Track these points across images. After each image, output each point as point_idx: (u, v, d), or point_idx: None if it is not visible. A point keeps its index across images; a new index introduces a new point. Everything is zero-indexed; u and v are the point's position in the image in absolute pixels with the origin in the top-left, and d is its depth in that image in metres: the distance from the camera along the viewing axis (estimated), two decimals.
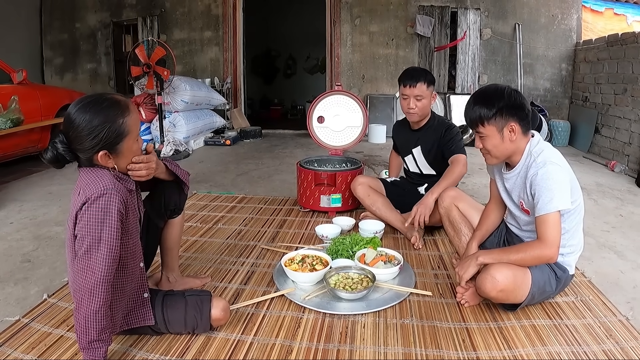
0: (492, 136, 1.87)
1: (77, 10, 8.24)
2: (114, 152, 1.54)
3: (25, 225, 3.16)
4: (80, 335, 1.46)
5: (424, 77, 2.86)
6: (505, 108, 1.83)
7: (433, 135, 2.95)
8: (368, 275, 2.15)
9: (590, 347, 1.73)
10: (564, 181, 1.78)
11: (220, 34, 7.83)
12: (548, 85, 7.26)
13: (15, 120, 4.47)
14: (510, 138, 1.86)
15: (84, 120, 1.47)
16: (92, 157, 1.53)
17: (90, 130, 1.47)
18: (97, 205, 1.45)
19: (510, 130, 1.85)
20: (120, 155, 1.56)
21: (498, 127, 1.85)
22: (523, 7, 7.22)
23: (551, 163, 1.79)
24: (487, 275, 1.80)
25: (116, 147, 1.54)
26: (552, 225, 1.75)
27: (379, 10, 7.47)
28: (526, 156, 1.90)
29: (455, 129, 2.92)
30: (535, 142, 1.90)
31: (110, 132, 1.50)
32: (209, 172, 4.95)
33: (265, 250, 2.69)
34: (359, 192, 3.07)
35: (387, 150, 3.52)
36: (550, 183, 1.75)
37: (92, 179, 1.50)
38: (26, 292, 2.19)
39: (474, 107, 1.89)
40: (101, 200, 1.45)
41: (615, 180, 4.62)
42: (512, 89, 1.87)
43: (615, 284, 2.33)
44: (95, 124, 1.47)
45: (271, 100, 11.57)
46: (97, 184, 1.48)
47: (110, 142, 1.51)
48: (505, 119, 1.84)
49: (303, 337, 1.80)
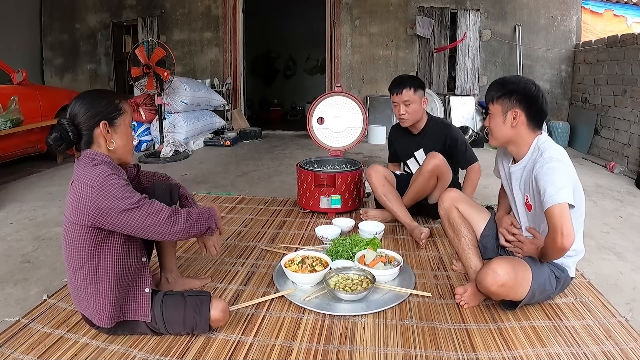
0: (496, 115, 1.96)
1: (77, 11, 8.24)
2: (112, 125, 1.70)
3: (25, 226, 3.16)
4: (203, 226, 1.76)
5: (409, 83, 2.97)
6: (515, 93, 1.90)
7: (435, 137, 3.02)
8: (368, 277, 2.15)
9: (589, 348, 1.73)
10: (568, 178, 1.79)
11: (220, 34, 7.84)
12: (548, 87, 7.27)
13: (15, 120, 4.47)
14: (511, 123, 1.92)
15: (85, 99, 1.68)
16: (93, 133, 1.67)
17: (92, 104, 1.67)
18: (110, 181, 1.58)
19: (513, 115, 1.90)
20: (117, 131, 1.72)
21: (503, 109, 1.93)
22: (523, 8, 7.23)
23: (557, 160, 1.81)
24: (488, 269, 1.81)
25: (115, 122, 1.71)
26: (558, 216, 1.71)
27: (378, 11, 7.48)
28: (533, 150, 1.92)
29: (460, 139, 2.99)
30: (543, 139, 1.93)
31: (109, 105, 1.70)
32: (209, 173, 4.95)
33: (265, 251, 2.69)
34: (374, 179, 3.05)
35: (386, 152, 3.52)
36: (556, 177, 1.76)
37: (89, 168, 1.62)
38: (26, 293, 2.19)
39: (492, 86, 2.00)
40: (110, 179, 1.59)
41: (615, 181, 4.62)
42: (533, 83, 1.93)
43: (615, 285, 2.33)
44: (97, 99, 1.69)
45: (271, 101, 11.57)
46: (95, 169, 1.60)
47: (110, 114, 1.69)
48: (512, 103, 1.91)
49: (303, 338, 1.81)
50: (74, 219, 1.59)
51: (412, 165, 3.17)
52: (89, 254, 1.62)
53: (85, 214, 1.56)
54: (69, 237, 1.63)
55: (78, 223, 1.59)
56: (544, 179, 1.78)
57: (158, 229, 1.63)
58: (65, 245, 1.65)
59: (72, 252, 1.63)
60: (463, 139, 3.00)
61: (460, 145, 2.98)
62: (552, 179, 1.76)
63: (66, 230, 1.64)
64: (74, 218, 1.59)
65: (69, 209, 1.62)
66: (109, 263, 1.65)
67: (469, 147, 3.01)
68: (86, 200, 1.55)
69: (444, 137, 2.99)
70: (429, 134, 3.06)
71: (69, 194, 1.63)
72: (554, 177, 1.76)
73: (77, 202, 1.57)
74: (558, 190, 1.74)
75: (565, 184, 1.76)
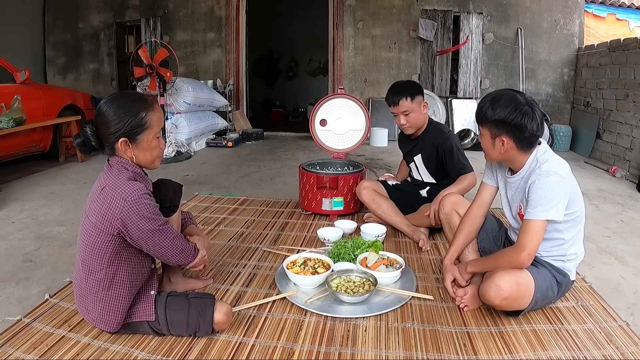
0: (485, 138, 1.94)
1: (81, 11, 8.25)
2: (134, 141, 1.67)
3: (26, 225, 3.17)
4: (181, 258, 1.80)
5: (405, 92, 2.87)
6: (501, 122, 1.83)
7: (430, 142, 2.93)
8: (370, 279, 2.15)
9: (590, 352, 1.73)
10: (562, 194, 1.78)
11: (223, 35, 7.85)
12: (550, 90, 7.27)
13: (18, 119, 4.48)
14: (500, 149, 1.88)
15: (111, 107, 1.64)
16: (114, 145, 1.66)
17: (115, 116, 1.63)
18: (144, 201, 1.61)
19: (501, 142, 1.87)
20: (139, 147, 1.69)
21: (491, 134, 1.89)
22: (525, 12, 7.23)
23: (554, 174, 1.79)
24: (491, 283, 1.80)
25: (136, 138, 1.67)
26: (532, 231, 1.77)
27: (382, 13, 7.49)
28: (531, 162, 1.90)
29: (455, 148, 2.83)
30: (542, 150, 1.90)
31: (132, 120, 1.64)
32: (211, 173, 4.95)
33: (267, 252, 2.70)
34: (364, 196, 3.08)
35: (389, 154, 3.53)
36: (547, 193, 1.76)
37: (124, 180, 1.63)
38: (28, 292, 2.19)
39: (481, 105, 1.91)
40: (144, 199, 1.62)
41: (617, 185, 4.62)
42: (525, 105, 1.81)
43: (616, 289, 2.33)
44: (121, 111, 1.63)
45: (273, 103, 11.58)
46: (132, 185, 1.62)
47: (131, 131, 1.65)
48: (499, 130, 1.85)
49: (305, 339, 1.81)
50: (100, 225, 1.60)
51: (413, 170, 3.15)
52: (109, 260, 1.64)
53: (113, 223, 1.58)
54: (90, 240, 1.63)
55: (103, 230, 1.60)
56: (536, 193, 1.79)
57: (169, 251, 1.72)
58: (84, 248, 1.66)
59: (91, 255, 1.64)
60: (456, 149, 2.83)
61: (449, 155, 2.83)
62: (543, 194, 1.77)
63: (88, 233, 1.65)
64: (100, 224, 1.60)
65: (94, 213, 1.62)
66: (125, 270, 1.68)
67: (462, 157, 2.84)
68: (115, 211, 1.57)
69: (437, 145, 2.88)
70: (425, 140, 2.98)
71: (98, 198, 1.62)
72: (545, 192, 1.77)
73: (105, 209, 1.59)
74: (541, 207, 1.76)
75: (557, 200, 1.76)
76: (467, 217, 2.18)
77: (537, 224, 1.77)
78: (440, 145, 2.87)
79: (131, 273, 1.70)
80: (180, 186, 2.10)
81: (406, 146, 3.16)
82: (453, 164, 2.83)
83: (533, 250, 1.78)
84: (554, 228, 1.88)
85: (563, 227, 1.89)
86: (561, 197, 1.78)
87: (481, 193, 2.18)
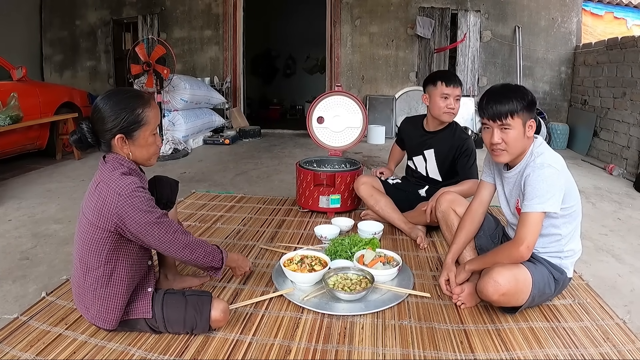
0: (517, 128, 1.85)
1: (78, 8, 8.22)
2: (130, 138, 1.67)
3: (23, 223, 3.16)
4: (206, 261, 1.78)
5: (460, 82, 2.91)
6: (531, 104, 1.86)
7: (450, 142, 2.91)
8: (367, 276, 2.15)
9: (587, 349, 1.73)
10: (557, 185, 1.79)
11: (221, 33, 7.83)
12: (547, 88, 7.28)
13: (14, 117, 4.46)
14: (528, 134, 1.88)
15: (107, 103, 1.64)
16: (111, 141, 1.65)
17: (112, 112, 1.63)
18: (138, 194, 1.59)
19: (529, 126, 1.87)
20: (135, 143, 1.69)
21: (523, 121, 1.86)
22: (523, 10, 7.23)
23: (548, 166, 1.81)
24: (489, 279, 1.80)
25: (133, 134, 1.66)
26: (530, 224, 1.79)
27: (379, 11, 7.48)
28: (528, 155, 1.92)
29: (473, 153, 2.88)
30: (538, 143, 1.93)
31: (129, 117, 1.64)
32: (208, 171, 4.95)
33: (264, 250, 2.69)
34: (362, 191, 3.07)
35: (386, 152, 3.52)
36: (543, 185, 1.77)
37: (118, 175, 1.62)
38: (24, 290, 2.18)
39: (505, 99, 1.84)
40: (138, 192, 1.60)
41: (614, 183, 4.63)
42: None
43: (613, 287, 2.34)
44: (117, 107, 1.63)
45: (270, 100, 11.55)
46: (126, 179, 1.60)
47: (128, 127, 1.65)
48: (529, 114, 1.87)
49: (302, 337, 1.81)
50: (96, 222, 1.60)
51: (418, 163, 3.10)
52: (107, 257, 1.64)
53: (109, 219, 1.58)
54: (88, 238, 1.63)
55: (100, 226, 1.60)
56: (532, 185, 1.80)
57: (171, 245, 1.66)
58: (82, 246, 1.65)
59: (89, 253, 1.63)
60: (474, 155, 2.87)
61: (465, 156, 2.85)
62: (539, 185, 1.78)
63: (85, 230, 1.64)
64: (96, 220, 1.60)
65: (90, 210, 1.62)
66: (123, 267, 1.67)
67: (474, 163, 2.87)
68: (110, 206, 1.57)
69: (458, 147, 2.87)
70: (443, 138, 2.94)
71: (93, 195, 1.63)
72: (541, 184, 1.78)
73: (101, 206, 1.58)
74: (538, 199, 1.77)
75: (553, 192, 1.77)
76: (467, 215, 2.19)
77: (534, 216, 1.78)
78: (461, 145, 2.87)
79: (129, 270, 1.69)
80: (177, 183, 2.11)
81: (414, 138, 3.10)
82: (464, 166, 2.85)
83: (532, 242, 1.79)
84: (551, 223, 1.89)
85: (559, 223, 1.90)
86: (556, 190, 1.79)
87: (481, 191, 2.19)
